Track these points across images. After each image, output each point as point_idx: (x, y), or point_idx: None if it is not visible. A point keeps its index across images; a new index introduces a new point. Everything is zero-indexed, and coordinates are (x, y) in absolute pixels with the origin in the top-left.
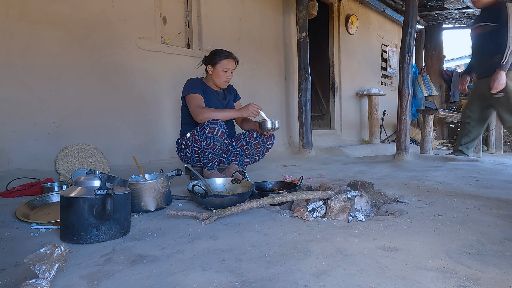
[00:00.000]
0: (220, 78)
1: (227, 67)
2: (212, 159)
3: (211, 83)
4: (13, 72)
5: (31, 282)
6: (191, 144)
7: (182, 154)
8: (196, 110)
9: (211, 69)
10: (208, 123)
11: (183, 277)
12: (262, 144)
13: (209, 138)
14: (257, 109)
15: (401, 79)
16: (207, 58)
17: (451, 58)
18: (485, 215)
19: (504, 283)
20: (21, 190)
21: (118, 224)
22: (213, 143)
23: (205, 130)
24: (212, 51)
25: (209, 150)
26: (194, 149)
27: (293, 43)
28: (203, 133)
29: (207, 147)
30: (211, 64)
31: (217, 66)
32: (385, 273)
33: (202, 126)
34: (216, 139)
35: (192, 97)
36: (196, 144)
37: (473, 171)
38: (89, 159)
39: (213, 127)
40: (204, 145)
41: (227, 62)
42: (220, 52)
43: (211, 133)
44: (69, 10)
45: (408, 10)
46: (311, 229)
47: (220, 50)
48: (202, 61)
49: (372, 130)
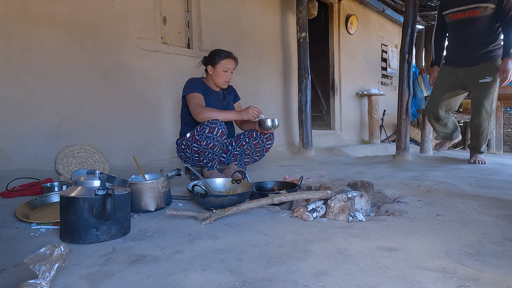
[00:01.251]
0: (221, 78)
1: (227, 67)
2: (212, 159)
3: (211, 83)
4: (13, 72)
5: (31, 282)
6: (191, 144)
7: (182, 154)
8: (196, 109)
9: (211, 69)
10: (208, 123)
11: (183, 277)
12: (261, 144)
13: (209, 138)
14: (257, 112)
15: (401, 79)
16: (207, 58)
17: None
18: (485, 215)
19: (504, 283)
20: (21, 190)
21: (118, 224)
22: (213, 143)
23: (205, 130)
24: (212, 51)
25: (209, 150)
26: (194, 149)
27: (293, 43)
28: (203, 133)
29: (207, 147)
30: (211, 64)
31: (217, 66)
32: (385, 273)
33: (202, 126)
34: (216, 139)
35: (193, 96)
36: (196, 144)
37: (473, 171)
38: (89, 159)
39: (213, 127)
40: (204, 145)
41: (227, 62)
42: (219, 52)
43: (211, 133)
44: (69, 10)
45: (408, 10)
46: (311, 229)
47: (219, 50)
48: (202, 61)
49: (372, 130)
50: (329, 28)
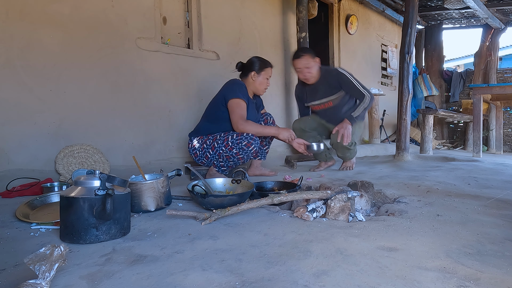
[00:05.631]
0: (262, 85)
1: (269, 75)
2: (229, 166)
3: (249, 89)
4: (13, 72)
5: (31, 282)
6: (218, 146)
7: (199, 152)
8: (239, 120)
9: (255, 75)
10: (248, 136)
11: (183, 277)
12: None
13: (242, 150)
14: (298, 145)
15: (401, 79)
16: (250, 65)
17: (451, 58)
18: (485, 215)
19: (504, 283)
20: (21, 190)
21: (118, 224)
22: (242, 155)
23: (243, 142)
24: (256, 58)
25: (235, 159)
26: (220, 152)
27: (293, 43)
28: (239, 143)
29: (236, 156)
30: (256, 70)
31: (262, 73)
32: (385, 273)
33: (241, 136)
34: (247, 154)
35: (238, 104)
36: (225, 149)
37: (473, 171)
38: (89, 159)
39: (251, 142)
40: (234, 153)
41: (270, 70)
42: (264, 60)
43: (247, 147)
44: (69, 10)
45: (408, 10)
46: (311, 229)
47: (262, 58)
48: (238, 67)
49: (372, 130)
50: (329, 28)
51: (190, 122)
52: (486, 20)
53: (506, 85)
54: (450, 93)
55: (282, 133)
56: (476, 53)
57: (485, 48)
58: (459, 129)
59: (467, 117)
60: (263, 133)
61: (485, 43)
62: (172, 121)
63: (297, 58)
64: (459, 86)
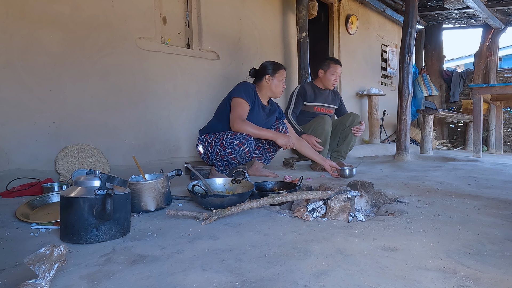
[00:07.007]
0: (278, 87)
1: (284, 77)
2: (225, 166)
3: (264, 92)
4: (13, 72)
5: (31, 282)
6: (215, 145)
7: (202, 150)
8: (236, 119)
9: (270, 79)
10: (240, 136)
11: (183, 277)
12: (273, 148)
13: (234, 150)
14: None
15: (401, 79)
16: (263, 69)
17: (451, 58)
18: (485, 215)
19: (504, 283)
20: (21, 190)
21: (118, 224)
22: (235, 155)
23: (234, 141)
24: (268, 61)
25: (228, 158)
26: (216, 150)
27: (293, 43)
28: (231, 142)
29: (228, 155)
30: (270, 73)
31: (276, 76)
32: (385, 273)
33: (234, 136)
34: (239, 154)
35: (239, 103)
36: (219, 147)
37: (473, 171)
38: (89, 159)
39: (243, 142)
40: (226, 153)
41: (284, 72)
42: (277, 63)
43: (239, 146)
44: (69, 10)
45: (408, 10)
46: (311, 229)
47: (274, 61)
48: (252, 73)
49: (372, 130)
50: (329, 28)
51: (190, 122)
52: (486, 20)
53: (506, 85)
54: (450, 93)
55: (280, 138)
56: (476, 53)
57: (485, 48)
58: (459, 129)
59: (467, 117)
60: (260, 135)
61: (485, 43)
62: (172, 121)
63: (340, 65)
64: (459, 86)
